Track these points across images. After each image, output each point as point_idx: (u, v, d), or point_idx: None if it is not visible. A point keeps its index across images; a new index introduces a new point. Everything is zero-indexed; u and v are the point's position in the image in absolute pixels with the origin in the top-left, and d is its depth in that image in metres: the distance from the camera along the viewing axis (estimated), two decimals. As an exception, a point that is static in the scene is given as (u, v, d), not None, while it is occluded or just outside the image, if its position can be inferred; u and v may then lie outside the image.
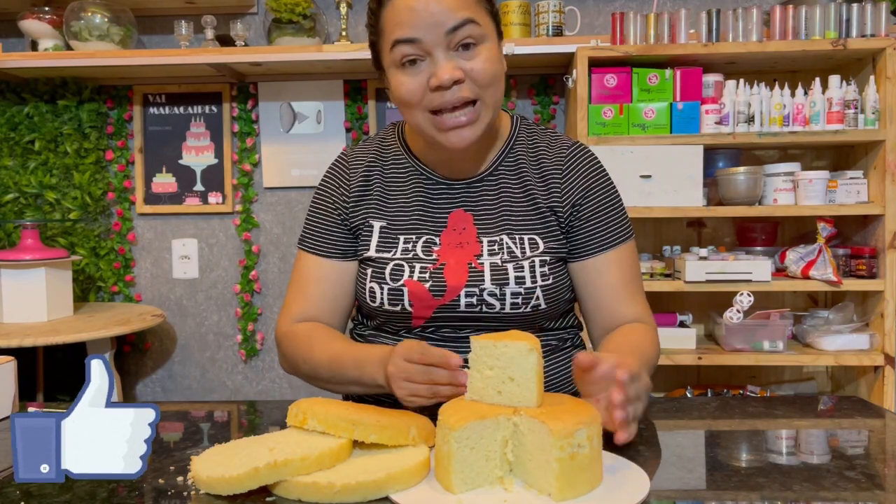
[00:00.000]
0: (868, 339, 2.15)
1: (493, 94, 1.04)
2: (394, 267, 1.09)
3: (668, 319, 2.25)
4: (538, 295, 1.08)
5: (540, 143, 1.17)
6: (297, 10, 2.31)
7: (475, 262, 1.08)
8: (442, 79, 0.99)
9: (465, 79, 1.01)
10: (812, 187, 2.12)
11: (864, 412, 1.07)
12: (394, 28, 1.01)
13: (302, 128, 2.58)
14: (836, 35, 2.12)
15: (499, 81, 1.05)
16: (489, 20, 1.05)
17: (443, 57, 1.00)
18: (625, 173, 2.11)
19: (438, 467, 0.77)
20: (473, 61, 1.01)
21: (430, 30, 0.99)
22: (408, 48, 1.00)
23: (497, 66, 1.04)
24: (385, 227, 1.13)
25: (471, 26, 1.00)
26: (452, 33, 1.00)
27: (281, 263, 2.64)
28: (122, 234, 2.62)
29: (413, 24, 0.99)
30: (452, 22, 0.99)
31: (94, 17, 2.35)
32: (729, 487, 0.78)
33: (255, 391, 2.67)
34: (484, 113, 1.04)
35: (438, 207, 1.13)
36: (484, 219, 1.12)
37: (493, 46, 1.04)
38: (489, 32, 1.04)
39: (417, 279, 1.08)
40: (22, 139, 2.54)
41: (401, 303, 1.08)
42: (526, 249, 1.09)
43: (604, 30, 2.45)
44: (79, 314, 2.31)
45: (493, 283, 1.07)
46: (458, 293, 1.07)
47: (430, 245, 1.11)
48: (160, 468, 0.83)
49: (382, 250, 1.12)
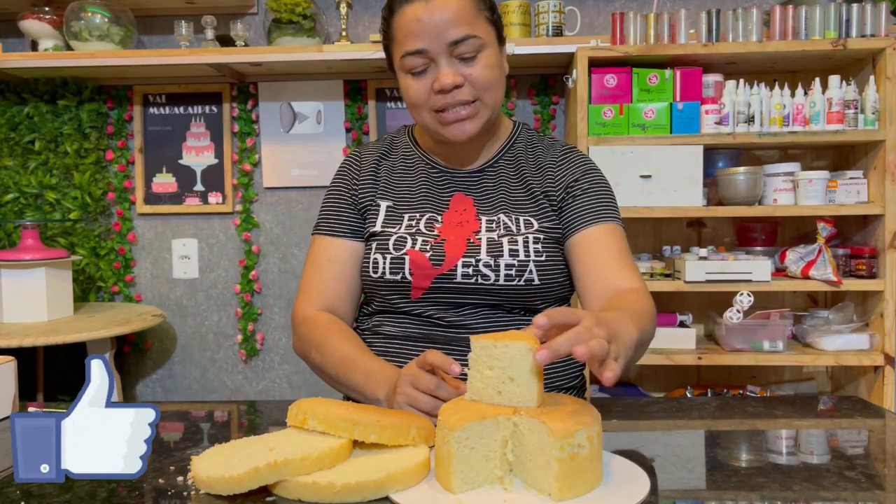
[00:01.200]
0: (868, 339, 2.15)
1: (492, 96, 1.14)
2: (397, 239, 1.17)
3: (668, 319, 2.25)
4: (531, 269, 1.13)
5: (538, 145, 1.26)
6: (297, 11, 2.31)
7: (473, 237, 1.16)
8: (443, 83, 1.10)
9: (465, 83, 1.11)
10: (812, 187, 2.12)
11: (864, 412, 1.07)
12: (404, 38, 1.12)
13: (302, 128, 2.58)
14: (836, 35, 2.12)
15: (497, 84, 1.15)
16: (490, 28, 1.15)
17: (445, 63, 1.11)
18: (625, 173, 2.11)
19: (438, 467, 0.77)
20: (473, 68, 1.12)
21: (434, 40, 1.10)
22: (416, 59, 1.12)
23: (495, 71, 1.14)
24: (391, 206, 1.22)
25: (471, 41, 1.11)
26: (454, 45, 1.10)
27: (281, 263, 2.64)
28: (123, 234, 2.63)
29: (420, 35, 1.10)
30: (454, 35, 1.10)
31: (94, 17, 2.35)
32: (729, 487, 0.78)
33: (255, 391, 2.67)
34: (483, 110, 1.14)
35: (441, 191, 1.22)
36: (483, 201, 1.20)
37: (493, 53, 1.14)
38: (489, 40, 1.14)
39: (419, 249, 1.15)
40: (22, 139, 2.54)
41: (401, 271, 1.14)
42: (521, 227, 1.17)
43: (604, 30, 2.45)
44: (79, 314, 2.31)
45: (489, 254, 1.13)
46: (455, 262, 1.13)
47: (433, 223, 1.18)
48: (160, 468, 0.83)
49: (388, 225, 1.19)
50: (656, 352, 2.16)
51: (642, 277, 1.19)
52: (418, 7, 1.10)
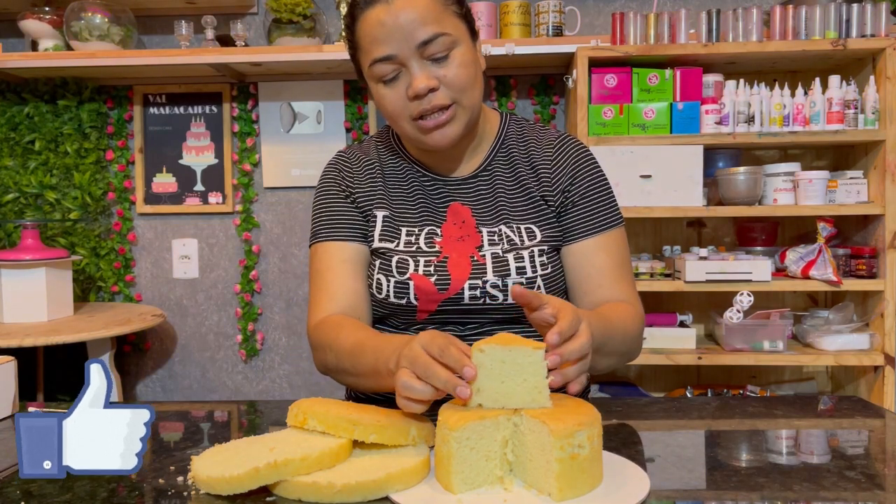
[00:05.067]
0: (868, 339, 2.15)
1: (469, 97, 1.07)
2: (399, 261, 1.11)
3: (668, 319, 2.25)
4: (539, 284, 1.10)
5: (530, 138, 1.20)
6: (297, 11, 2.31)
7: (477, 254, 1.11)
8: (417, 89, 1.03)
9: (440, 86, 1.05)
10: (812, 187, 2.12)
11: (864, 412, 1.07)
12: (369, 45, 1.05)
13: (302, 128, 2.58)
14: (836, 35, 2.12)
15: (474, 83, 1.08)
16: (460, 23, 1.08)
17: (417, 67, 1.04)
18: (625, 173, 2.11)
19: (438, 467, 0.77)
20: (446, 68, 1.05)
21: (402, 43, 1.03)
22: (385, 66, 1.05)
23: (470, 69, 1.07)
24: (388, 216, 1.15)
25: (441, 39, 1.04)
26: (424, 46, 1.03)
27: (281, 263, 2.64)
28: (123, 234, 2.63)
29: (385, 40, 1.03)
30: (423, 36, 1.03)
31: (94, 17, 2.35)
32: (729, 487, 0.78)
33: (255, 391, 2.67)
34: (461, 113, 1.07)
35: (437, 201, 1.16)
36: (481, 211, 1.15)
37: (467, 50, 1.07)
38: (461, 36, 1.07)
39: (423, 273, 1.10)
40: (22, 139, 2.54)
41: (406, 296, 1.10)
42: (524, 238, 1.12)
43: (604, 30, 2.45)
44: (79, 314, 2.31)
45: (496, 274, 1.09)
46: (461, 286, 1.09)
47: (433, 237, 1.13)
48: (160, 468, 0.83)
49: (385, 240, 1.14)
50: (656, 352, 2.16)
51: (636, 290, 1.16)
52: (380, 10, 1.03)
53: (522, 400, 0.78)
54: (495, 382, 0.79)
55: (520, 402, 0.78)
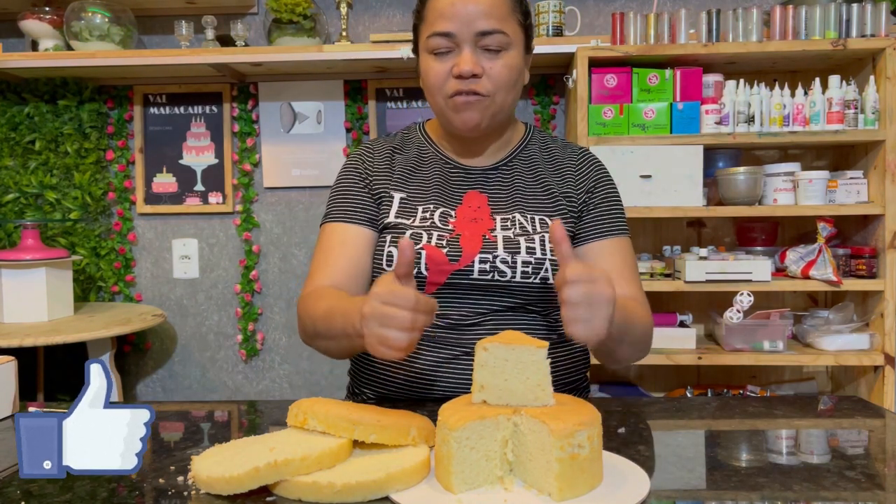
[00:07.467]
0: (868, 338, 2.15)
1: (503, 96, 1.15)
2: (413, 234, 1.15)
3: (668, 319, 2.25)
4: (547, 267, 1.13)
5: (553, 147, 1.28)
6: (298, 10, 2.31)
7: (489, 234, 1.16)
8: (462, 69, 1.11)
9: (484, 76, 1.12)
10: (812, 187, 2.12)
11: (864, 412, 1.07)
12: (435, 19, 1.13)
13: (302, 128, 2.58)
14: (836, 35, 2.12)
15: (513, 86, 1.16)
16: (519, 31, 1.17)
17: (469, 51, 1.12)
18: (625, 173, 2.11)
19: (438, 467, 0.77)
20: (494, 62, 1.13)
21: (463, 27, 1.11)
22: (441, 40, 1.13)
23: (514, 73, 1.15)
24: (405, 198, 1.20)
25: (498, 35, 1.12)
26: (481, 36, 1.12)
27: (281, 263, 2.64)
28: (123, 234, 2.63)
29: (451, 18, 1.11)
30: (484, 26, 1.11)
31: (94, 17, 2.35)
32: (729, 487, 0.78)
33: (256, 391, 2.67)
34: (491, 106, 1.14)
35: (455, 187, 1.22)
36: (497, 200, 1.20)
37: (517, 55, 1.16)
38: (516, 42, 1.16)
39: (435, 244, 1.14)
40: (22, 139, 2.54)
41: (416, 266, 1.12)
42: (537, 227, 1.17)
43: (604, 30, 2.45)
44: (79, 314, 2.31)
45: (506, 251, 1.13)
46: (472, 258, 1.13)
47: (447, 217, 1.17)
48: (160, 468, 0.83)
49: (401, 216, 1.18)
50: (656, 352, 2.16)
51: (644, 292, 1.22)
52: None
53: (525, 398, 0.79)
54: (499, 380, 0.80)
55: (523, 400, 0.79)
